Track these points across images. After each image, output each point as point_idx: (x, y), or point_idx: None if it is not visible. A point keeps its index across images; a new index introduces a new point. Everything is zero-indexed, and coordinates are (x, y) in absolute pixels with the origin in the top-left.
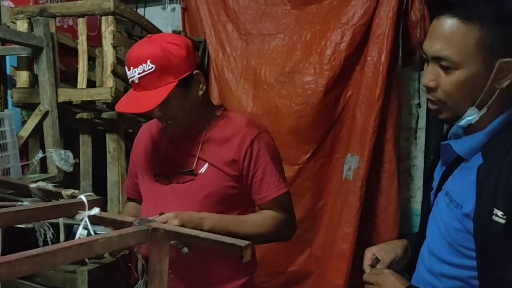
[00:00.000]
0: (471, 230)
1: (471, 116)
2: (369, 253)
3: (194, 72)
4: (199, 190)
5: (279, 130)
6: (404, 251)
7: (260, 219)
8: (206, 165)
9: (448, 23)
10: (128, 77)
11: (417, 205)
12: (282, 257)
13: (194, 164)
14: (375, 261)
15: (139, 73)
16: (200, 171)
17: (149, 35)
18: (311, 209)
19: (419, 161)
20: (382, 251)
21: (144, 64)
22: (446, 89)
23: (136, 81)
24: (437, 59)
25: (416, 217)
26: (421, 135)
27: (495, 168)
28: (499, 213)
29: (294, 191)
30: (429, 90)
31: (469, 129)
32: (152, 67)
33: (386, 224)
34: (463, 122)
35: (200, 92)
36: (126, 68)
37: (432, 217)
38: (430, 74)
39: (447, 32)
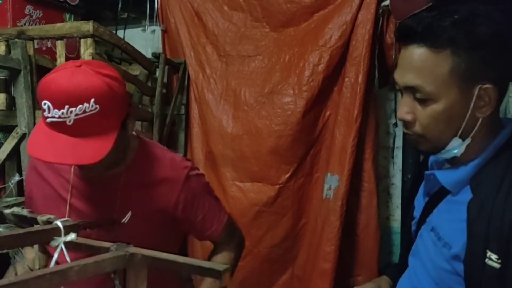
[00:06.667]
0: (461, 273)
1: (456, 148)
2: None
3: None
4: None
5: (259, 150)
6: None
7: (222, 260)
8: (129, 214)
9: (417, 53)
10: (52, 116)
11: (396, 223)
12: (265, 278)
13: (115, 213)
14: None
15: (77, 114)
16: (123, 221)
17: (75, 62)
18: (292, 228)
19: (397, 180)
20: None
21: (86, 104)
22: (424, 123)
23: (70, 123)
24: (411, 90)
25: (395, 235)
26: (398, 154)
27: (487, 205)
28: (493, 256)
29: (275, 210)
30: (406, 124)
31: (454, 158)
32: (96, 108)
33: (366, 242)
34: (447, 154)
35: (130, 127)
36: (48, 105)
37: (415, 250)
38: (405, 106)
39: (417, 62)
